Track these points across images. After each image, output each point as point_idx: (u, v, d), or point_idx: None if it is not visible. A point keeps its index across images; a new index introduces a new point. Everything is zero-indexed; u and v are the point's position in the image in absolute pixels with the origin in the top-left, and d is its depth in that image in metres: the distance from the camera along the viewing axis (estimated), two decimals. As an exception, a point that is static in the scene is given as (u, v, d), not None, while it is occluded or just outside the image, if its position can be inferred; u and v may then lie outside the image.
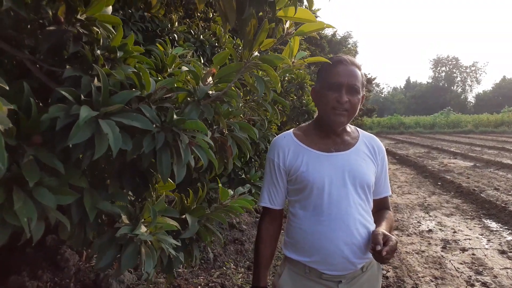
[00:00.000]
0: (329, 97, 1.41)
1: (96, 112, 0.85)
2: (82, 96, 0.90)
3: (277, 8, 1.08)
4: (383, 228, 1.42)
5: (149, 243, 1.09)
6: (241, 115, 1.44)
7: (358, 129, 1.62)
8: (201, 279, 3.46)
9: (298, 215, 1.48)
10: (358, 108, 1.47)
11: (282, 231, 1.66)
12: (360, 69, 1.48)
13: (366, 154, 1.52)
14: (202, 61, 3.04)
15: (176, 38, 2.70)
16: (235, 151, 1.32)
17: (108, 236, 1.08)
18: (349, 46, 28.46)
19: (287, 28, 1.22)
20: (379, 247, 1.29)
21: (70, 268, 2.89)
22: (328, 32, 20.04)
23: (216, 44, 3.20)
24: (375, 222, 1.51)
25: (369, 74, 24.96)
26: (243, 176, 2.73)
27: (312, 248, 1.43)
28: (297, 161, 1.47)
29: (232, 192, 1.58)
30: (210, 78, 1.22)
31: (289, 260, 1.51)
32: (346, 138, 1.53)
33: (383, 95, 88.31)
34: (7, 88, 0.68)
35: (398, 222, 5.70)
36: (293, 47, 1.28)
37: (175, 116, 1.01)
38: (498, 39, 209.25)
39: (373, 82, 25.62)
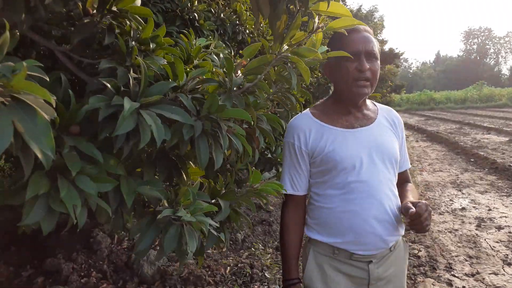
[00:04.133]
0: (349, 68, 1.34)
1: (138, 104, 0.88)
2: (122, 87, 0.94)
3: (310, 3, 1.06)
4: (410, 200, 1.39)
5: (190, 225, 1.11)
6: (267, 107, 1.46)
7: (374, 102, 1.56)
8: (230, 260, 3.49)
9: (325, 195, 1.42)
10: (378, 76, 1.41)
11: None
12: (374, 36, 1.42)
13: (388, 127, 1.47)
14: (225, 39, 2.99)
15: (197, 17, 2.64)
16: (262, 142, 1.34)
17: (147, 220, 1.11)
18: (375, 20, 27.55)
19: (317, 22, 1.19)
20: (412, 211, 1.26)
21: (103, 250, 2.97)
22: (354, 6, 19.47)
23: (237, 22, 3.10)
24: (399, 196, 1.46)
25: (396, 48, 24.11)
26: (269, 155, 2.69)
27: (343, 229, 1.37)
28: (321, 141, 1.40)
29: (267, 174, 1.60)
30: (239, 71, 1.23)
31: (313, 242, 1.47)
32: (366, 112, 1.47)
33: (411, 71, 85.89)
34: (48, 79, 0.69)
35: (430, 200, 5.57)
36: (315, 40, 1.26)
37: (220, 102, 1.03)
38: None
39: (401, 57, 24.77)
